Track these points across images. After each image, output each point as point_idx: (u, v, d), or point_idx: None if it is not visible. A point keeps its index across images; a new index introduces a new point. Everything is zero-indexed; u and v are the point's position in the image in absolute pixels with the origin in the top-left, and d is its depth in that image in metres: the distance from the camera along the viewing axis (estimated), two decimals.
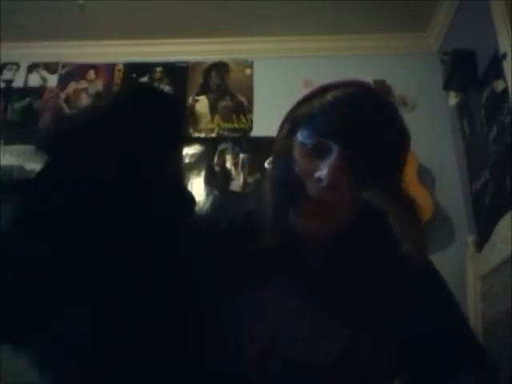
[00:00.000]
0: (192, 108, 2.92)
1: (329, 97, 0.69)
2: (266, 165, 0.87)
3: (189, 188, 2.55)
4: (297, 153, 0.70)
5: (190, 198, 0.71)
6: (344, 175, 0.66)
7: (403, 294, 0.69)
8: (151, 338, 0.60)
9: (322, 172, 0.65)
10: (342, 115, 0.67)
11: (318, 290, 0.65)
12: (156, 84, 2.97)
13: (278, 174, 0.73)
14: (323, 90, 0.72)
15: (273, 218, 0.69)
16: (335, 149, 0.66)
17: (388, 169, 0.68)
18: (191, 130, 2.85)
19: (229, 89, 2.95)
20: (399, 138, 0.71)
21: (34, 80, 3.04)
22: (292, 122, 0.74)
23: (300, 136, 0.71)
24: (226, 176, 2.73)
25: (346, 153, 0.66)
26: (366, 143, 0.66)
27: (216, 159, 2.77)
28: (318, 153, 0.68)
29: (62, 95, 2.99)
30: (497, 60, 2.06)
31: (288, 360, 0.64)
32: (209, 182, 2.72)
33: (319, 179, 0.66)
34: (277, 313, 0.66)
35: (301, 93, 0.76)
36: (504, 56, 1.99)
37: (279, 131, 0.77)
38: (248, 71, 2.97)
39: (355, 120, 0.67)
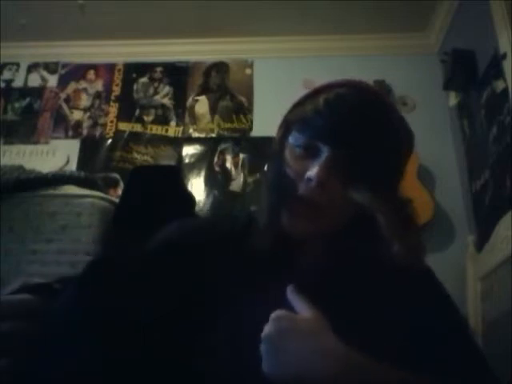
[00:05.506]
0: (192, 108, 2.92)
1: (321, 99, 0.69)
2: (265, 167, 0.88)
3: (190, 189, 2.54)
4: (289, 155, 0.71)
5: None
6: (334, 175, 0.66)
7: (400, 297, 0.69)
8: (152, 343, 0.60)
9: (312, 172, 0.66)
10: (332, 117, 0.67)
11: (315, 294, 0.64)
12: (156, 84, 2.97)
13: (271, 176, 0.74)
14: (316, 92, 0.72)
15: (268, 220, 0.70)
16: (326, 150, 0.67)
17: (381, 169, 0.68)
18: (191, 130, 2.86)
19: (229, 89, 2.95)
20: (395, 138, 0.70)
21: (34, 80, 3.04)
22: (286, 124, 0.75)
23: (292, 138, 0.71)
24: (226, 176, 2.73)
25: (336, 154, 0.66)
26: (356, 144, 0.66)
27: (216, 159, 2.77)
28: (308, 154, 0.68)
29: (62, 95, 2.99)
30: (497, 60, 2.06)
31: None
32: (209, 181, 2.72)
33: (309, 179, 0.66)
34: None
35: (301, 93, 0.77)
36: (504, 56, 1.99)
37: (276, 134, 0.77)
38: (248, 71, 2.97)
39: (345, 121, 0.67)
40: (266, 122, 2.54)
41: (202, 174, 2.74)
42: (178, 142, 2.83)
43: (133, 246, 0.78)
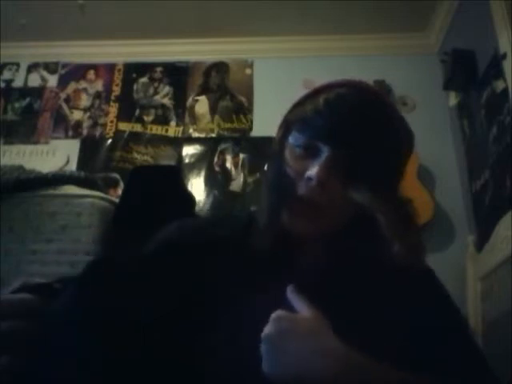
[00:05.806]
0: (192, 108, 2.92)
1: (321, 99, 0.70)
2: (265, 167, 0.89)
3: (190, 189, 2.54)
4: (289, 155, 0.71)
5: None
6: (334, 175, 0.66)
7: (401, 297, 0.69)
8: (152, 344, 0.60)
9: (312, 171, 0.66)
10: (332, 117, 0.68)
11: (315, 294, 0.64)
12: (156, 84, 2.98)
13: (271, 176, 0.75)
14: (317, 92, 0.73)
15: (268, 220, 0.70)
16: (326, 150, 0.67)
17: (381, 169, 0.68)
18: (191, 130, 2.86)
19: (229, 89, 2.95)
20: (395, 138, 0.70)
21: (34, 80, 3.04)
22: (286, 124, 0.75)
23: (292, 138, 0.71)
24: (226, 176, 2.73)
25: (336, 154, 0.66)
26: (356, 144, 0.66)
27: (216, 159, 2.77)
28: (308, 154, 0.69)
29: (62, 95, 2.99)
30: (497, 60, 2.06)
31: None
32: (209, 181, 2.72)
33: (309, 178, 0.66)
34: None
35: (301, 93, 0.77)
36: (504, 56, 1.99)
37: (276, 134, 0.77)
38: (248, 71, 2.97)
39: (345, 121, 0.67)
40: (266, 121, 2.54)
41: (202, 174, 2.74)
42: (178, 142, 2.83)
43: (133, 246, 0.78)
